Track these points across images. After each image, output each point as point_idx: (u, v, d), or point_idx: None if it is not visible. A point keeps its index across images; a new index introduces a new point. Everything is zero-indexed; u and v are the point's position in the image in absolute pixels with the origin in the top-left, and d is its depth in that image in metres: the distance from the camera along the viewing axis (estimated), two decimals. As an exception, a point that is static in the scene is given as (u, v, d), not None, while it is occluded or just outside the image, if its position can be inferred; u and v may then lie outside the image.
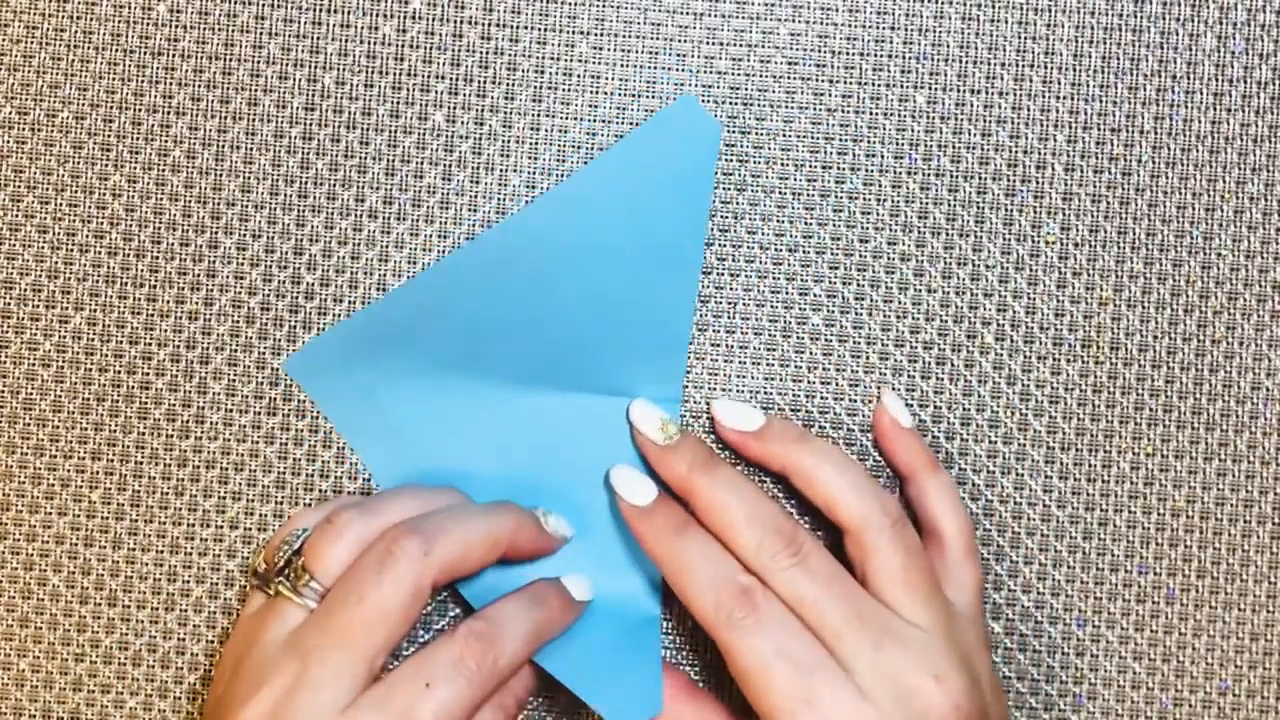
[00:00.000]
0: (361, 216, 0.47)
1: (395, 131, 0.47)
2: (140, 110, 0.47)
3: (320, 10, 0.47)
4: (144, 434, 0.47)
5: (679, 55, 0.47)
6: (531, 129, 0.47)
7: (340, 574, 0.41)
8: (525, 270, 0.46)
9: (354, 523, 0.42)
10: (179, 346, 0.47)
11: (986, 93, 0.48)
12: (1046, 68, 0.48)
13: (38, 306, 0.47)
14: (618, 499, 0.45)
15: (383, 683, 0.40)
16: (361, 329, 0.46)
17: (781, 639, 0.41)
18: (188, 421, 0.47)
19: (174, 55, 0.47)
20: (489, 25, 0.47)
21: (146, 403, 0.47)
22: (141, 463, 0.47)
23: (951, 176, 0.47)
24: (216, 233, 0.47)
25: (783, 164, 0.47)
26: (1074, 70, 0.48)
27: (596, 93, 0.47)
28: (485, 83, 0.47)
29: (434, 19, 0.47)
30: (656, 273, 0.46)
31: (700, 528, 0.43)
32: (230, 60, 0.47)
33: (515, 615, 0.42)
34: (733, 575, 0.42)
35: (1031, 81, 0.48)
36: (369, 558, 0.40)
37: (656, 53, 0.47)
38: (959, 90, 0.48)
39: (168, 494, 0.47)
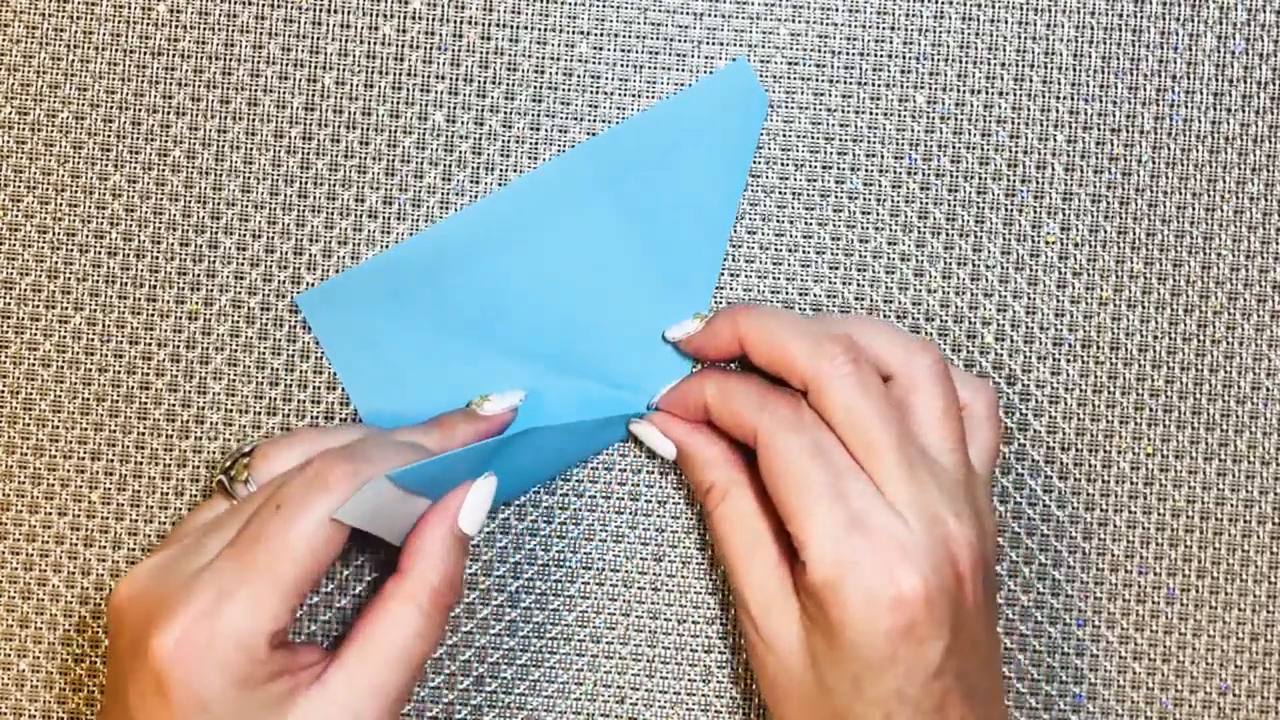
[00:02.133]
0: (361, 216, 0.47)
1: (395, 131, 0.47)
2: (140, 110, 0.47)
3: (320, 10, 0.47)
4: (144, 434, 0.47)
5: (679, 55, 0.47)
6: (531, 129, 0.47)
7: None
8: (550, 223, 0.46)
9: (306, 439, 0.42)
10: (179, 346, 0.47)
11: (986, 93, 0.48)
12: (1046, 68, 0.48)
13: (38, 306, 0.47)
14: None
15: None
16: (381, 273, 0.46)
17: (819, 438, 0.41)
18: (188, 421, 0.47)
19: (174, 55, 0.47)
20: (489, 25, 0.47)
21: (146, 403, 0.47)
22: (141, 463, 0.47)
23: (951, 176, 0.47)
24: (216, 233, 0.47)
25: (783, 164, 0.47)
26: (1074, 70, 0.48)
27: (596, 93, 0.47)
28: (485, 83, 0.47)
29: (434, 19, 0.47)
30: (683, 241, 0.46)
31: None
32: (230, 60, 0.47)
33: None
34: (778, 391, 0.42)
35: (1031, 81, 0.48)
36: (299, 475, 0.40)
37: (656, 53, 0.47)
38: (959, 90, 0.48)
39: (168, 494, 0.47)
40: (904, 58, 0.48)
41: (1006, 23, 0.48)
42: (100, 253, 0.47)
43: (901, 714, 0.39)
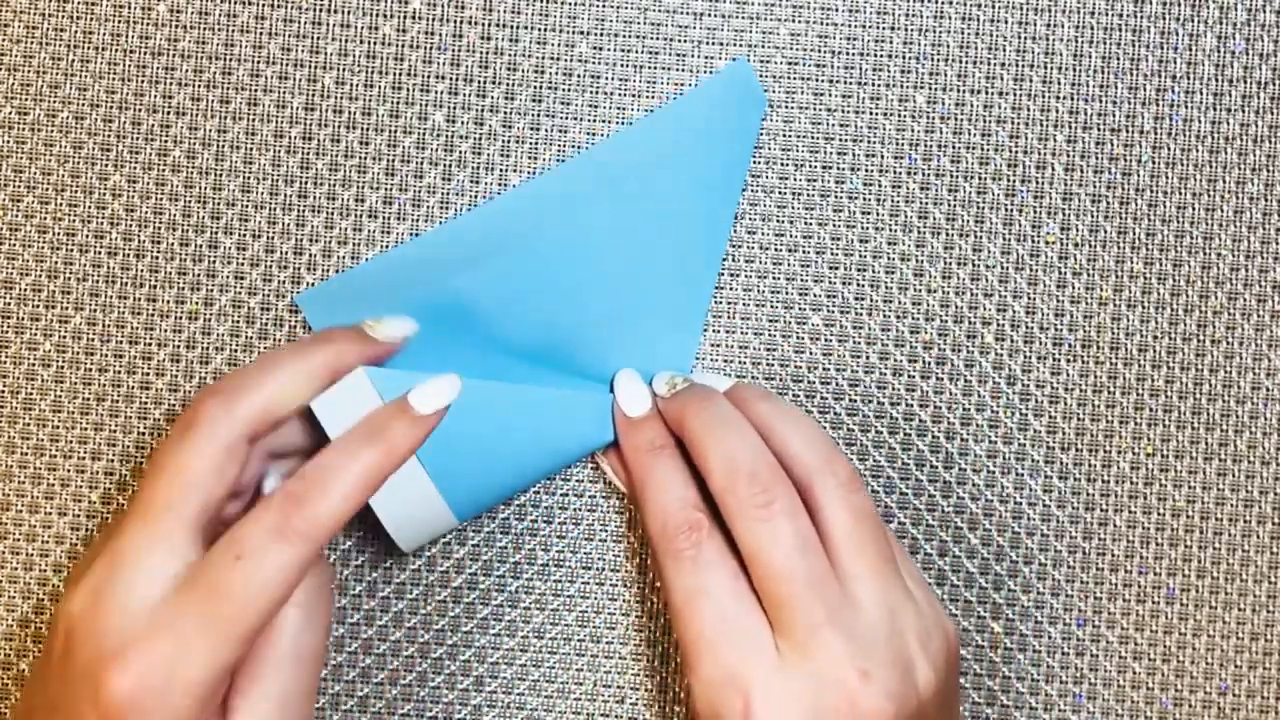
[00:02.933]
0: (361, 216, 0.47)
1: (395, 131, 0.47)
2: (140, 110, 0.47)
3: (320, 10, 0.47)
4: (144, 434, 0.47)
5: (679, 55, 0.47)
6: (531, 129, 0.47)
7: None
8: (551, 229, 0.46)
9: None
10: (179, 346, 0.47)
11: (986, 93, 0.48)
12: (1046, 68, 0.48)
13: (38, 306, 0.47)
14: (615, 406, 0.45)
15: (198, 561, 0.37)
16: (381, 273, 0.46)
17: (715, 582, 0.40)
18: (188, 421, 0.47)
19: (174, 55, 0.47)
20: (489, 25, 0.47)
21: (146, 403, 0.47)
22: (141, 463, 0.47)
23: (951, 176, 0.47)
24: (216, 233, 0.47)
25: (783, 164, 0.47)
26: (1074, 70, 0.48)
27: (596, 93, 0.47)
28: (485, 83, 0.47)
29: (434, 19, 0.47)
30: (683, 244, 0.46)
31: (676, 452, 0.43)
32: (230, 60, 0.47)
33: (339, 466, 0.38)
34: (690, 505, 0.41)
35: (1031, 81, 0.48)
36: (175, 428, 0.39)
37: (656, 53, 0.47)
38: (959, 90, 0.48)
39: (168, 494, 0.47)
40: (904, 58, 0.48)
41: (1006, 23, 0.48)
42: (100, 253, 0.47)
43: None
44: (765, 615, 0.40)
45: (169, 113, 0.47)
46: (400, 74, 0.47)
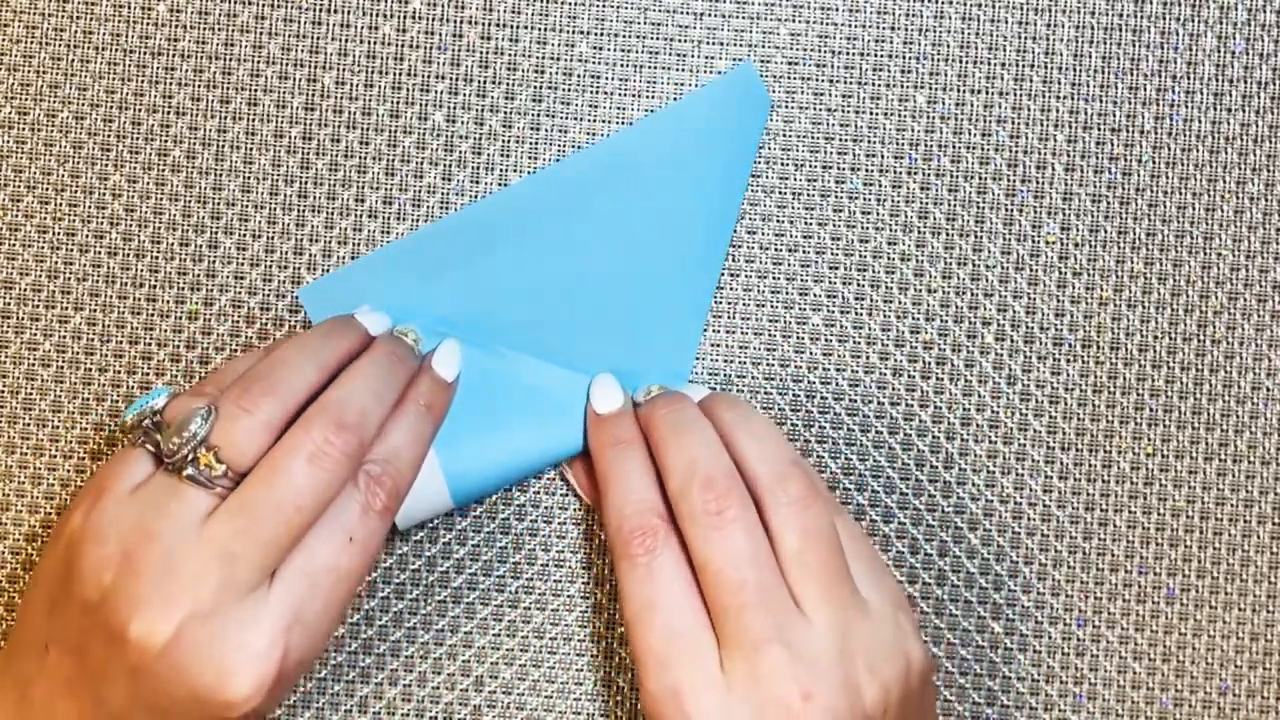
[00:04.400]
0: (361, 216, 0.47)
1: (395, 131, 0.47)
2: (140, 110, 0.47)
3: (320, 10, 0.47)
4: (144, 434, 0.47)
5: (679, 55, 0.47)
6: (531, 129, 0.47)
7: (255, 461, 0.39)
8: (552, 226, 0.46)
9: (263, 405, 0.39)
10: (179, 346, 0.47)
11: (986, 93, 0.48)
12: (1046, 68, 0.48)
13: (38, 306, 0.47)
14: (588, 404, 0.45)
15: (301, 549, 0.38)
16: (381, 268, 0.46)
17: (665, 592, 0.40)
18: (188, 421, 0.47)
19: (174, 55, 0.47)
20: (489, 25, 0.47)
21: (146, 403, 0.47)
22: (141, 463, 0.47)
23: (951, 176, 0.47)
24: (216, 233, 0.47)
25: (783, 164, 0.47)
26: (1074, 70, 0.48)
27: (596, 93, 0.47)
28: (485, 83, 0.47)
29: (434, 19, 0.47)
30: (684, 246, 0.46)
31: (642, 451, 0.43)
32: (230, 60, 0.47)
33: (408, 441, 0.41)
34: (648, 509, 0.41)
35: (1031, 81, 0.48)
36: (297, 454, 0.38)
37: (656, 53, 0.47)
38: (959, 90, 0.48)
39: (168, 494, 0.47)
40: (904, 58, 0.48)
41: (1006, 23, 0.48)
42: (100, 253, 0.47)
43: None
44: (714, 629, 0.39)
45: (169, 113, 0.47)
46: (400, 74, 0.47)
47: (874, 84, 0.48)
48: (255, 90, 0.47)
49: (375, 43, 0.47)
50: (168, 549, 0.38)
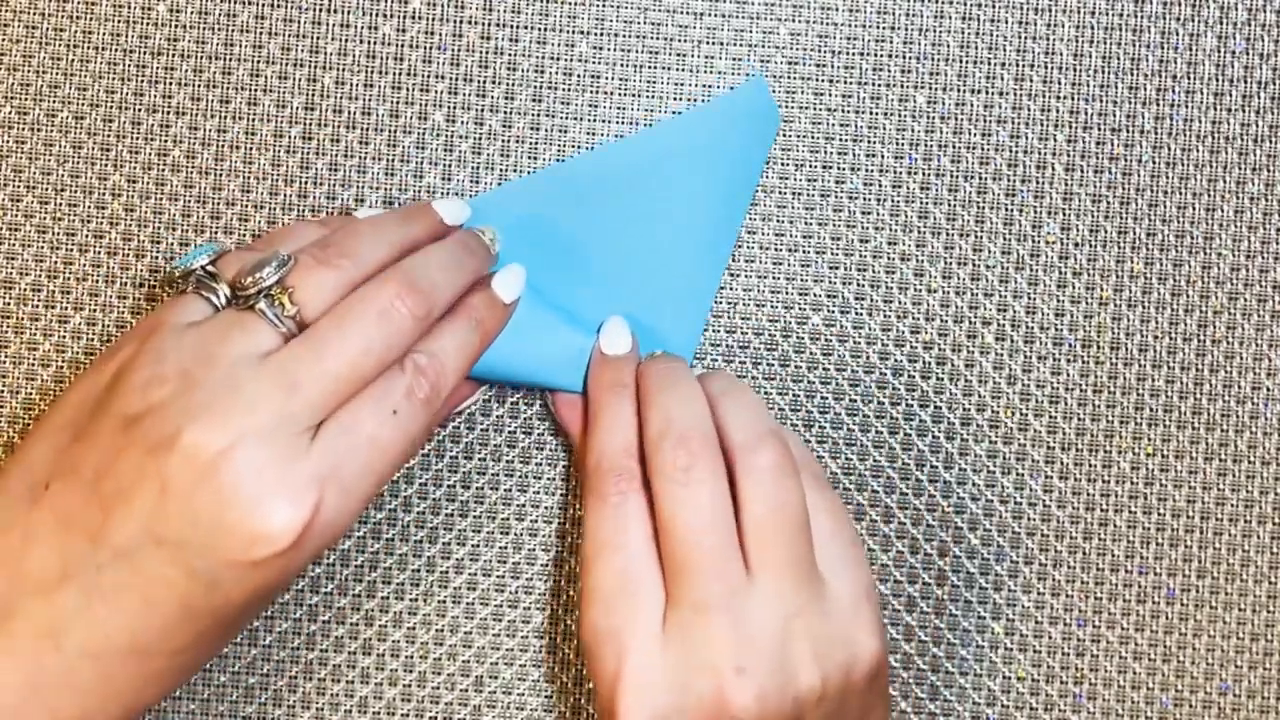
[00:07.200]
0: (361, 216, 0.47)
1: (395, 131, 0.47)
2: (140, 110, 0.47)
3: (320, 10, 0.47)
4: (144, 434, 0.47)
5: (679, 55, 0.47)
6: (531, 129, 0.47)
7: (325, 310, 0.39)
8: (550, 225, 0.46)
9: (342, 264, 0.40)
10: (179, 346, 0.47)
11: (986, 93, 0.48)
12: (1046, 68, 0.48)
13: (38, 306, 0.47)
14: (596, 346, 0.45)
15: (346, 409, 0.38)
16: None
17: (627, 535, 0.40)
18: (188, 421, 0.47)
19: (174, 55, 0.47)
20: (489, 25, 0.47)
21: (146, 403, 0.47)
22: (141, 463, 0.47)
23: (951, 176, 0.47)
24: (216, 233, 0.47)
25: (783, 164, 0.47)
26: (1074, 70, 0.48)
27: (596, 93, 0.47)
28: (485, 83, 0.47)
29: (434, 19, 0.47)
30: (687, 251, 0.46)
31: (634, 399, 0.43)
32: (230, 60, 0.47)
33: (456, 347, 0.41)
34: (625, 451, 0.41)
35: (1031, 81, 0.48)
36: (369, 305, 0.39)
37: (656, 53, 0.47)
38: (959, 90, 0.48)
39: (168, 494, 0.47)
40: (904, 58, 0.48)
41: (1006, 23, 0.48)
42: (100, 253, 0.47)
43: None
44: (665, 584, 0.39)
45: (169, 113, 0.47)
46: (400, 74, 0.47)
47: (874, 84, 0.48)
48: (255, 90, 0.47)
49: (375, 43, 0.47)
50: (230, 370, 0.37)
